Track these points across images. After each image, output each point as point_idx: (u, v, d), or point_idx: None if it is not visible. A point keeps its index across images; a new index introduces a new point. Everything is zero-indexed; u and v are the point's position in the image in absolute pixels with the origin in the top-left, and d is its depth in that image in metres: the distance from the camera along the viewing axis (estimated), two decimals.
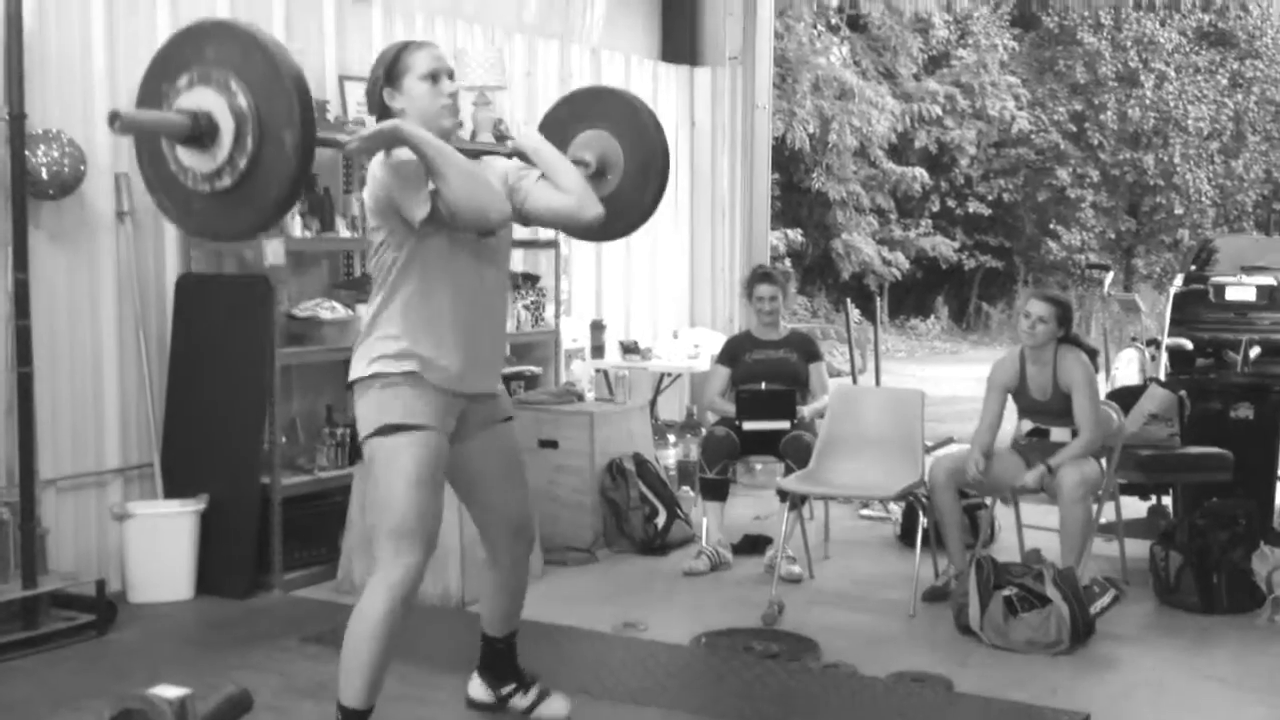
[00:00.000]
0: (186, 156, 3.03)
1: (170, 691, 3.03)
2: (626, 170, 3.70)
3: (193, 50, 3.04)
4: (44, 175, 4.69)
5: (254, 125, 2.91)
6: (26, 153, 4.59)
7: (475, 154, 3.44)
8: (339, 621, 4.68)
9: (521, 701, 3.74)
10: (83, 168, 4.83)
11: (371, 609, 3.22)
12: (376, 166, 3.21)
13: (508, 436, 3.56)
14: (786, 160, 17.53)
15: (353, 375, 3.32)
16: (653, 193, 3.74)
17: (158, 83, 3.09)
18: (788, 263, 17.22)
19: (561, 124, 3.79)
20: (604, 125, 3.73)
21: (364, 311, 3.40)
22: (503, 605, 3.68)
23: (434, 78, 3.27)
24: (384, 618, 3.21)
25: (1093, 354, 5.27)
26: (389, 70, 3.28)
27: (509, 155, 3.48)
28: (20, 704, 3.95)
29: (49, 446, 4.88)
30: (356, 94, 5.82)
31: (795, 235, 17.85)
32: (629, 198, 3.70)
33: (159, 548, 5.02)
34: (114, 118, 2.90)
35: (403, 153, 3.15)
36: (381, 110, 3.30)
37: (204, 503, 5.09)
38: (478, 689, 3.79)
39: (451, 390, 3.30)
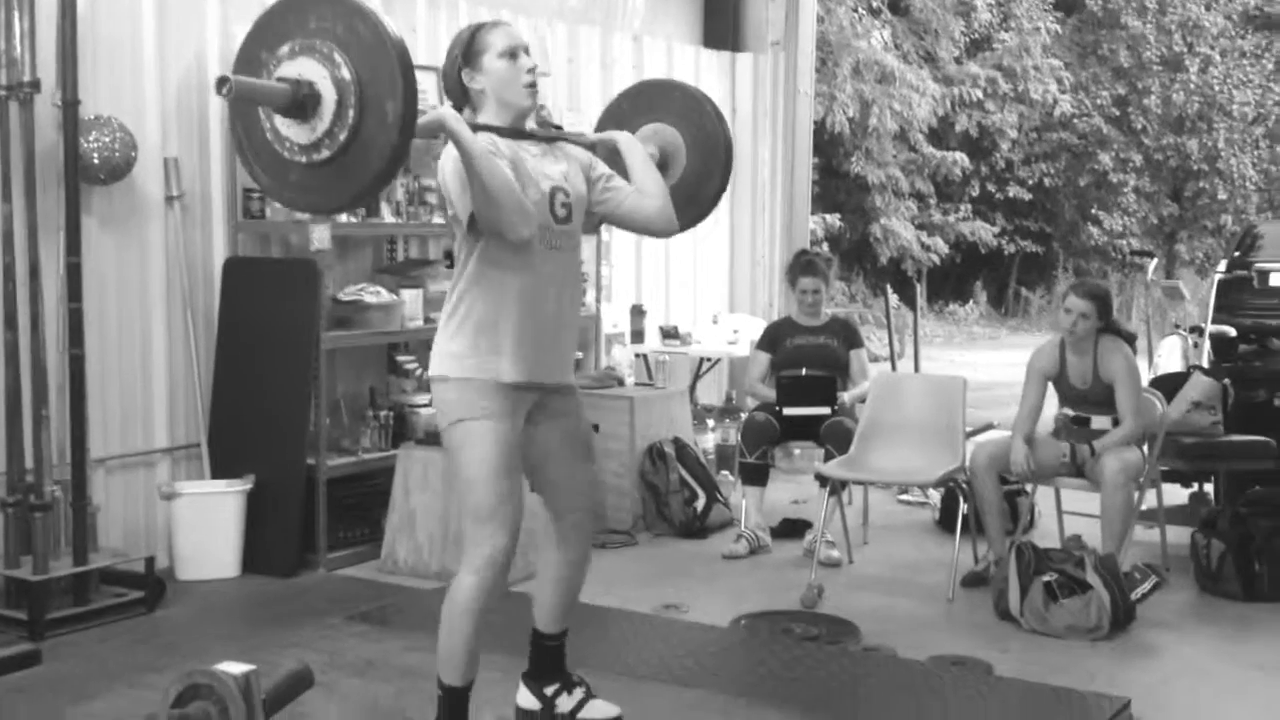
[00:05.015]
0: (285, 126, 2.94)
1: (235, 668, 3.07)
2: (690, 162, 3.66)
3: (295, 19, 2.96)
4: (95, 160, 4.75)
5: (356, 97, 2.85)
6: (79, 138, 4.66)
7: (551, 138, 3.41)
8: (383, 601, 4.81)
9: (567, 702, 3.60)
10: (133, 153, 4.89)
11: (461, 589, 3.24)
12: (446, 158, 3.14)
13: (578, 419, 3.54)
14: (825, 144, 17.41)
15: (431, 370, 3.32)
16: (716, 184, 3.70)
17: (256, 50, 3.00)
18: (825, 248, 17.13)
19: (623, 118, 3.73)
20: (665, 118, 3.68)
21: (448, 289, 3.34)
22: (560, 597, 3.58)
23: (512, 54, 3.23)
24: (474, 596, 3.21)
25: (1130, 338, 5.24)
26: (466, 51, 3.24)
27: (589, 146, 3.46)
28: (73, 678, 4.03)
29: (99, 426, 4.97)
30: None
31: (833, 220, 17.76)
32: (692, 189, 3.66)
33: (206, 526, 5.10)
34: (223, 82, 2.79)
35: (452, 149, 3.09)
36: (460, 93, 3.27)
37: (250, 483, 5.18)
38: (526, 698, 3.64)
39: (525, 382, 3.27)
